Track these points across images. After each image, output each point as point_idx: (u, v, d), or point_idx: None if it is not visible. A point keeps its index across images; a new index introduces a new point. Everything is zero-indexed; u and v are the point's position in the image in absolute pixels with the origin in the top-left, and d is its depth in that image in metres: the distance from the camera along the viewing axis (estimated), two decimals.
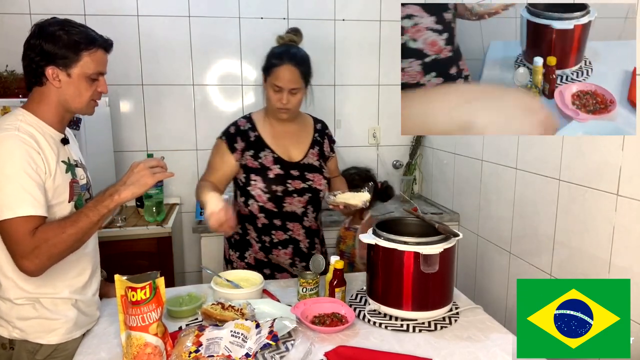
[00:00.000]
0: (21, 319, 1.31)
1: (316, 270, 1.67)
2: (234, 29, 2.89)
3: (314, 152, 1.89)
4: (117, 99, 2.81)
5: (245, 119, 1.89)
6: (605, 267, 1.72)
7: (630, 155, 1.60)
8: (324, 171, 1.88)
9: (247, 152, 1.81)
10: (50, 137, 1.32)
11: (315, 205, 1.87)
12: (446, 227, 1.48)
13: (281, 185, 1.79)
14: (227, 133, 1.85)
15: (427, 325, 1.43)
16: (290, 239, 1.84)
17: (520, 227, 2.20)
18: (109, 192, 1.28)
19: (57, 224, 1.25)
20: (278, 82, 1.72)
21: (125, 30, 2.76)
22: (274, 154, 1.82)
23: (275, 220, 1.82)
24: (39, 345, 1.33)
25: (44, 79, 1.30)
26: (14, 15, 2.63)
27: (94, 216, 1.26)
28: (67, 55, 1.29)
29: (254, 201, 1.81)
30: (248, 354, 1.20)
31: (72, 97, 1.33)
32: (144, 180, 1.29)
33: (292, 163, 1.83)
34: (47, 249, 1.21)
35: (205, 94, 2.94)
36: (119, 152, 2.84)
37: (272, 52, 1.80)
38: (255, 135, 1.84)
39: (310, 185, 1.83)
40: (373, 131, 3.16)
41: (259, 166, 1.80)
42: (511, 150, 2.23)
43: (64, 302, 1.35)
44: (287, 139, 1.86)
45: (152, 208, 2.52)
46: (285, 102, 1.74)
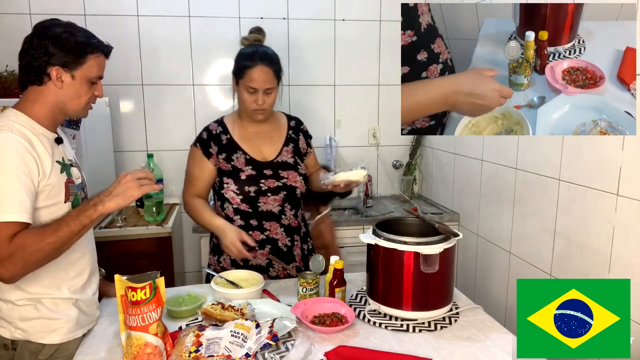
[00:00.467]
0: (23, 320, 1.31)
1: (316, 270, 1.67)
2: (234, 29, 2.89)
3: (288, 150, 1.88)
4: (117, 99, 2.81)
5: (216, 123, 1.89)
6: (605, 267, 1.72)
7: (630, 155, 1.60)
8: (299, 168, 1.88)
9: (220, 155, 1.82)
10: (44, 138, 1.31)
11: (293, 203, 1.87)
12: (446, 227, 1.48)
13: (254, 185, 1.79)
14: (200, 139, 1.86)
15: (427, 325, 1.43)
16: (267, 238, 1.83)
17: (520, 227, 2.21)
18: (92, 202, 1.27)
19: (36, 231, 1.22)
20: (252, 83, 1.72)
21: (125, 30, 2.76)
22: (246, 155, 1.82)
23: (251, 221, 1.81)
24: (41, 345, 1.32)
25: (46, 78, 1.29)
26: (14, 15, 2.63)
27: (75, 226, 1.24)
28: (73, 57, 1.30)
29: (229, 204, 1.81)
30: (248, 354, 1.20)
31: (71, 99, 1.33)
32: (130, 192, 1.28)
33: (265, 162, 1.83)
34: (22, 257, 1.19)
35: (205, 94, 2.94)
36: (119, 152, 2.84)
37: (242, 54, 1.79)
38: (227, 138, 1.84)
39: (285, 183, 1.82)
40: (373, 131, 3.17)
41: (231, 168, 1.80)
42: (511, 150, 2.23)
43: (64, 302, 1.35)
44: (260, 139, 1.86)
45: (152, 208, 2.52)
46: (261, 102, 1.74)
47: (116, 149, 2.82)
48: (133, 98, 2.85)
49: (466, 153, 2.66)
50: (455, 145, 2.78)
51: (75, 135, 2.17)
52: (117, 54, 2.73)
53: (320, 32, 3.00)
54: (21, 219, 1.20)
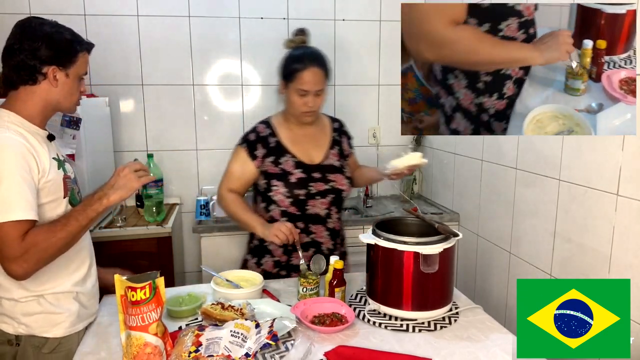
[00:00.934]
0: (26, 315, 1.33)
1: (317, 270, 1.67)
2: (234, 29, 2.89)
3: (334, 153, 1.89)
4: (117, 99, 2.80)
5: (264, 125, 1.88)
6: (605, 267, 1.72)
7: (630, 155, 1.60)
8: (344, 171, 1.88)
9: (267, 158, 1.81)
10: (38, 136, 1.33)
11: (338, 206, 1.88)
12: (446, 227, 1.48)
13: (304, 188, 1.79)
14: (247, 140, 1.85)
15: (427, 325, 1.43)
16: (312, 241, 1.84)
17: (520, 227, 2.20)
18: (97, 196, 1.31)
19: (47, 227, 1.25)
20: (304, 86, 1.71)
21: (125, 30, 2.76)
22: (295, 158, 1.82)
23: (298, 224, 1.81)
24: (45, 339, 1.35)
25: (40, 78, 1.31)
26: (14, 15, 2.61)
27: (83, 220, 1.28)
28: (68, 55, 1.32)
29: (276, 206, 1.81)
30: (248, 354, 1.20)
31: (65, 97, 1.36)
32: (131, 184, 1.33)
33: (314, 165, 1.83)
34: (36, 253, 1.22)
35: (205, 94, 2.94)
36: (119, 152, 2.84)
37: (291, 57, 1.78)
38: (275, 141, 1.84)
39: (333, 186, 1.83)
40: (373, 131, 3.16)
41: (280, 171, 1.80)
42: (511, 150, 2.23)
43: (65, 297, 1.38)
44: (307, 142, 1.86)
45: (152, 208, 2.52)
46: (311, 105, 1.74)
47: (116, 149, 2.82)
48: (133, 98, 2.85)
49: (466, 153, 2.66)
50: (455, 145, 2.78)
51: (75, 135, 2.17)
52: (117, 54, 2.78)
53: (320, 32, 3.00)
54: (29, 216, 1.22)
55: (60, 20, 1.38)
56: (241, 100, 2.98)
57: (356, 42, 3.05)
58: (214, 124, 2.97)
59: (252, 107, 3.00)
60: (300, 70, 1.71)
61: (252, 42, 2.92)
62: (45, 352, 1.35)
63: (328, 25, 3.00)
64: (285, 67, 1.77)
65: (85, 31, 2.66)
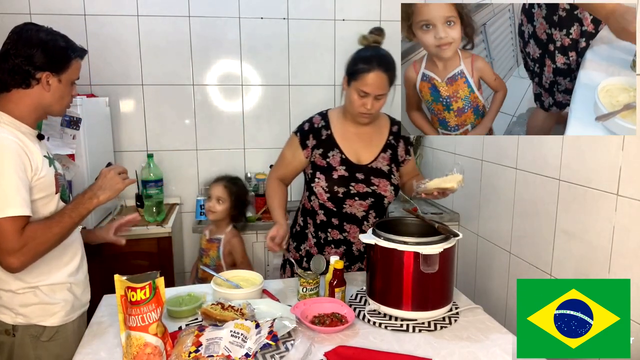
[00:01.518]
0: (23, 306, 1.41)
1: (317, 270, 1.67)
2: (234, 29, 2.89)
3: (385, 157, 1.85)
4: (117, 99, 2.81)
5: (320, 116, 1.88)
6: (605, 267, 1.72)
7: (630, 155, 1.60)
8: (392, 177, 1.84)
9: (316, 150, 1.82)
10: (30, 135, 1.40)
11: (378, 211, 1.85)
12: (446, 227, 1.48)
13: (343, 187, 1.78)
14: (301, 129, 1.86)
15: (427, 325, 1.43)
16: (344, 240, 1.84)
17: (520, 227, 2.20)
18: (88, 195, 1.44)
19: (43, 223, 1.35)
20: (366, 88, 1.68)
21: (125, 30, 2.76)
22: (342, 154, 1.81)
23: (333, 219, 1.83)
24: (42, 328, 1.43)
25: (34, 82, 1.37)
26: (14, 15, 2.62)
27: (75, 217, 1.40)
28: (61, 62, 1.39)
29: (316, 198, 1.82)
30: (248, 354, 1.20)
31: (57, 101, 1.43)
32: (117, 186, 1.47)
33: (359, 166, 1.81)
34: (34, 247, 1.31)
35: (205, 94, 2.94)
36: (119, 152, 2.84)
37: (360, 56, 1.75)
38: (328, 134, 1.83)
39: (374, 190, 1.80)
40: None
41: (326, 165, 1.80)
42: (511, 150, 2.23)
43: (60, 288, 1.46)
44: (359, 141, 1.84)
45: (152, 208, 2.52)
46: (369, 107, 1.71)
47: (116, 149, 2.82)
48: (133, 98, 2.85)
49: (466, 153, 2.66)
50: (455, 145, 2.78)
51: (75, 135, 2.17)
52: (117, 54, 2.78)
53: (320, 32, 3.00)
54: (25, 212, 1.30)
55: (60, 20, 1.40)
56: (241, 100, 2.98)
57: (356, 42, 3.04)
58: (214, 124, 2.97)
59: (252, 107, 3.00)
60: (365, 71, 1.67)
61: (252, 42, 2.92)
62: (44, 341, 1.43)
63: (328, 25, 3.00)
64: (352, 65, 1.75)
65: (85, 31, 2.66)
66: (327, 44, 3.03)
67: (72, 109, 2.15)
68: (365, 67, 1.68)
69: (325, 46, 3.03)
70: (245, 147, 3.02)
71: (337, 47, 3.03)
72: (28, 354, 1.42)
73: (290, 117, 3.03)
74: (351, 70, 1.73)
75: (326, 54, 3.03)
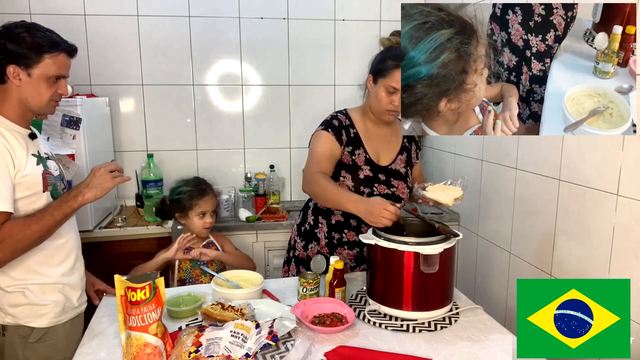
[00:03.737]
0: (12, 306, 1.40)
1: (317, 270, 1.67)
2: (234, 29, 2.89)
3: (402, 159, 1.87)
4: (117, 99, 2.80)
5: (343, 115, 1.86)
6: (605, 267, 1.72)
7: (630, 155, 1.60)
8: (408, 180, 1.86)
9: (346, 147, 1.80)
10: (16, 133, 1.39)
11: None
12: (446, 227, 1.48)
13: (368, 187, 1.78)
14: (331, 126, 1.80)
15: (427, 326, 1.43)
16: (359, 241, 1.82)
17: (520, 227, 2.20)
18: (73, 194, 1.39)
19: (22, 220, 1.33)
20: (397, 84, 1.66)
21: (125, 30, 2.76)
22: (367, 154, 1.81)
23: (351, 220, 1.82)
24: (30, 329, 1.42)
25: (6, 77, 1.36)
26: (14, 15, 2.62)
27: (58, 215, 1.36)
28: (28, 55, 1.36)
29: None
30: (248, 354, 1.20)
31: (32, 96, 1.40)
32: (106, 184, 1.41)
33: (381, 167, 1.82)
34: (11, 244, 1.30)
35: (205, 94, 2.94)
36: (119, 152, 2.84)
37: (387, 55, 1.74)
38: (354, 132, 1.83)
39: (394, 192, 1.81)
40: None
41: (351, 163, 1.79)
42: (511, 150, 2.23)
43: (51, 289, 1.44)
44: (379, 142, 1.84)
45: (152, 208, 2.51)
46: (397, 104, 1.70)
47: (116, 149, 2.82)
48: (133, 98, 2.85)
49: (466, 153, 2.66)
50: (455, 145, 2.78)
51: (75, 135, 2.17)
52: (117, 54, 2.78)
53: (320, 32, 3.00)
54: (5, 209, 1.30)
55: (60, 20, 1.39)
56: (241, 100, 2.98)
57: (356, 42, 3.05)
58: (214, 124, 2.97)
59: (252, 107, 3.00)
60: (396, 68, 1.66)
61: (252, 42, 2.92)
62: (31, 342, 1.42)
63: (328, 25, 3.00)
64: (379, 62, 1.74)
65: (85, 31, 2.66)
66: (327, 44, 3.03)
67: (72, 109, 2.16)
68: (395, 64, 1.67)
69: (325, 46, 3.03)
70: (245, 147, 3.02)
71: (337, 47, 3.03)
72: (17, 354, 1.42)
73: (290, 117, 3.03)
74: (378, 68, 1.73)
75: (326, 54, 3.03)
